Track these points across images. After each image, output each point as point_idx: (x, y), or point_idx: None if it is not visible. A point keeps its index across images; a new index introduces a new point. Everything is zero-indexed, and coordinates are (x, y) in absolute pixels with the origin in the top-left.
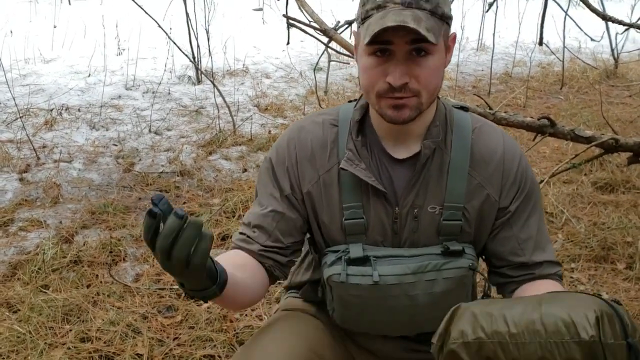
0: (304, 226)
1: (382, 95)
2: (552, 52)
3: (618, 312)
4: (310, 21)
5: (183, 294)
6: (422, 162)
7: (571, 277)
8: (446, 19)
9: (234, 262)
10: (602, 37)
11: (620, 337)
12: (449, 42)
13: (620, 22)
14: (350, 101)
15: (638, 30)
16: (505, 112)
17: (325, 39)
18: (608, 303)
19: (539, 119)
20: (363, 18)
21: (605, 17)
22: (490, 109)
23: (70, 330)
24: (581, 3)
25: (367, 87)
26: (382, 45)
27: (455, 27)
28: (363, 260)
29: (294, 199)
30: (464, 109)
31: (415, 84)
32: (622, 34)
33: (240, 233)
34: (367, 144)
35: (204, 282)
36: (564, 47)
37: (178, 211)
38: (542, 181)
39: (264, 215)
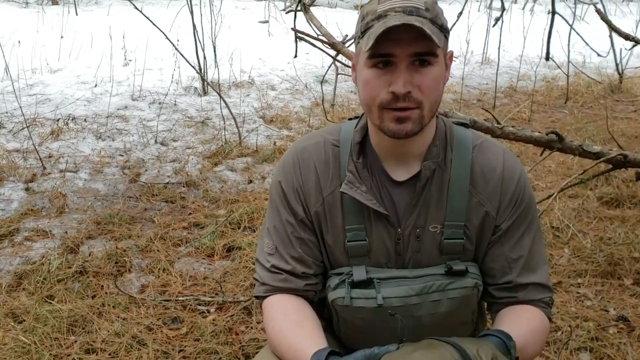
0: (322, 247)
1: (384, 107)
2: (557, 66)
3: None
4: (318, 34)
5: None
6: (422, 183)
7: (577, 292)
8: (445, 31)
9: (311, 325)
10: (608, 52)
11: None
12: (447, 59)
13: None
14: (350, 118)
15: None
16: (512, 126)
17: (332, 52)
18: (462, 355)
19: (547, 134)
20: (363, 31)
21: (629, 37)
22: (498, 123)
23: (76, 341)
24: (585, 18)
25: (368, 100)
26: (383, 57)
27: (460, 41)
28: (367, 283)
29: (307, 221)
30: (465, 125)
31: (418, 93)
32: (629, 49)
33: (273, 270)
34: (368, 165)
35: None
36: (569, 61)
37: None
38: (550, 196)
39: (287, 244)
